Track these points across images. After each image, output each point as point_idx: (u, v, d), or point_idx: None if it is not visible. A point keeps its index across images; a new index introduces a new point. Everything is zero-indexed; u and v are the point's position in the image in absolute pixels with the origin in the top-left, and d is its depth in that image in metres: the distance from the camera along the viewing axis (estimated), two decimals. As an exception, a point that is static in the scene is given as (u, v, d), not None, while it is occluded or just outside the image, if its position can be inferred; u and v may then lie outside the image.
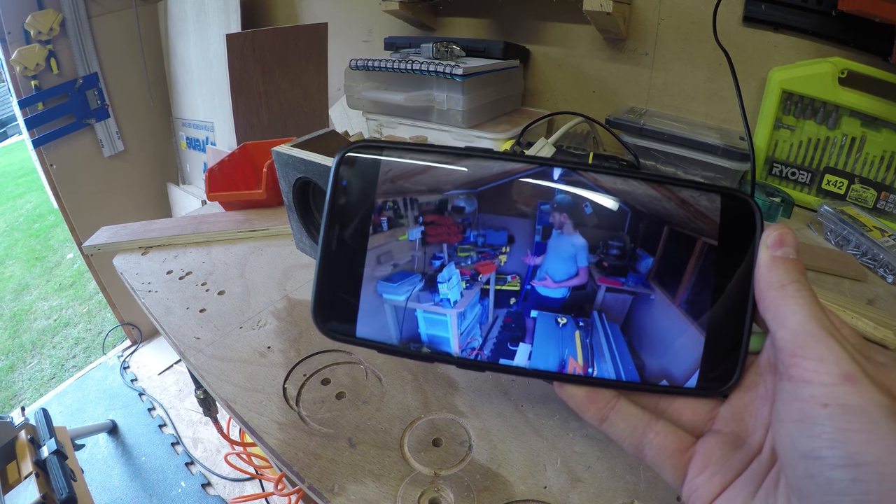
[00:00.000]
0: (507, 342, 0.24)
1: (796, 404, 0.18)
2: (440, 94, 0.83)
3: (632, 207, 0.23)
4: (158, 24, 1.56)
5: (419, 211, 0.24)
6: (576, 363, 0.24)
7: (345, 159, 0.24)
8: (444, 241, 0.24)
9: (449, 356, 0.24)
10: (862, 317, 0.43)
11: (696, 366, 0.23)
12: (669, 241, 0.23)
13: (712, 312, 0.23)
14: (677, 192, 0.23)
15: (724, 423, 0.23)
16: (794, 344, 0.19)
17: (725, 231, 0.23)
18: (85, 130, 1.49)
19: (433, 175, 0.24)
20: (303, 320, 0.45)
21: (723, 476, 0.21)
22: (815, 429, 0.17)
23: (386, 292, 0.24)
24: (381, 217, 0.24)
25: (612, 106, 0.88)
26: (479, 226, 0.24)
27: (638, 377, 0.23)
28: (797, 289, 0.20)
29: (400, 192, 0.24)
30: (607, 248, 0.24)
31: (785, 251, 0.21)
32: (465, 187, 0.24)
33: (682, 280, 0.23)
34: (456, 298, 0.24)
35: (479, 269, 0.24)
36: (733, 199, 0.23)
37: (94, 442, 1.48)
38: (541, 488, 0.29)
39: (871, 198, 0.64)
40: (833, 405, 0.17)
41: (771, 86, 0.67)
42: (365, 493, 0.29)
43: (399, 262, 0.24)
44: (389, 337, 0.24)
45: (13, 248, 2.95)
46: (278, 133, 1.11)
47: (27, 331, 2.17)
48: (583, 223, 0.24)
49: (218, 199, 0.66)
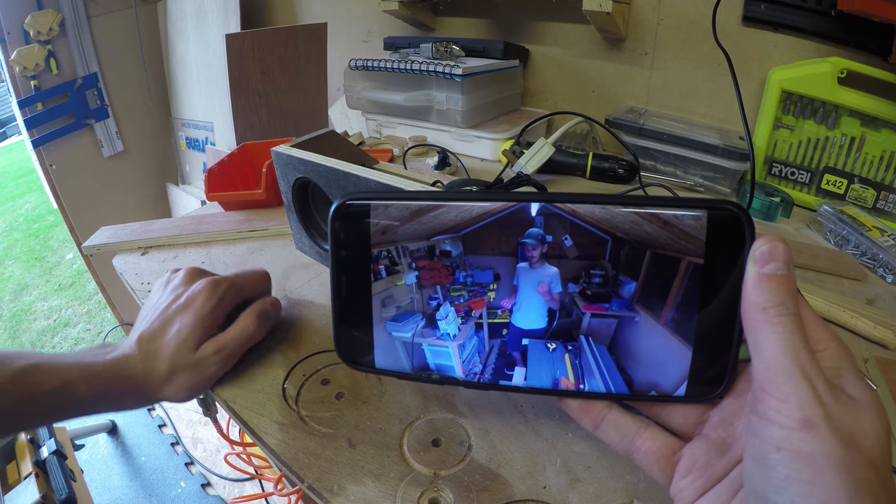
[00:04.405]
0: (504, 367, 0.27)
1: (756, 442, 0.18)
2: (440, 94, 0.83)
3: (612, 235, 0.24)
4: (158, 24, 1.56)
5: (411, 257, 0.26)
6: (568, 381, 0.25)
7: (338, 215, 0.26)
8: (437, 283, 0.27)
9: (456, 380, 0.27)
10: (862, 317, 0.43)
11: (685, 377, 0.23)
12: (652, 264, 0.23)
13: (700, 327, 0.23)
14: (660, 214, 0.23)
15: (712, 428, 0.23)
16: (764, 378, 0.19)
17: (712, 247, 0.22)
18: (84, 130, 1.48)
19: (419, 223, 0.26)
20: (302, 320, 0.45)
21: (704, 481, 0.22)
22: (767, 471, 0.18)
23: (394, 331, 0.27)
24: (378, 265, 0.27)
25: (612, 106, 0.88)
26: (467, 267, 0.26)
27: (626, 390, 0.25)
28: (778, 313, 0.19)
29: (392, 242, 0.26)
30: (589, 277, 0.24)
31: (774, 266, 0.20)
32: (449, 231, 0.26)
33: (667, 300, 0.23)
34: (454, 332, 0.27)
35: (472, 305, 0.27)
36: (720, 214, 0.22)
37: (93, 442, 1.48)
38: (540, 488, 0.29)
39: (870, 197, 0.64)
40: (786, 450, 0.17)
41: (770, 85, 0.67)
42: (364, 493, 0.29)
43: (401, 305, 0.27)
44: (403, 367, 0.28)
45: (13, 249, 2.95)
46: (278, 133, 1.11)
47: (27, 331, 2.17)
48: (563, 255, 0.25)
49: (217, 200, 0.66)
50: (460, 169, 0.79)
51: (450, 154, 0.78)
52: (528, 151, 0.68)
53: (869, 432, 0.18)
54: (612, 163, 0.70)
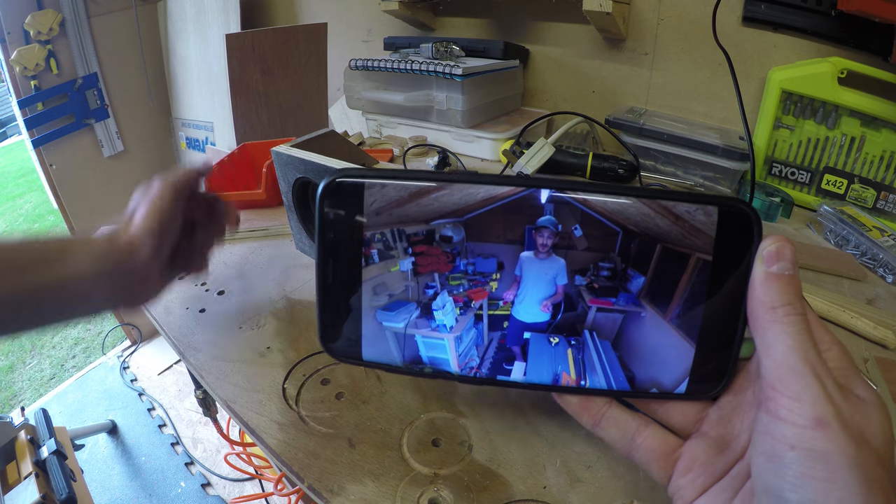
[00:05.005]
0: (503, 362, 0.25)
1: (768, 439, 0.19)
2: (440, 94, 0.83)
3: (623, 227, 0.23)
4: (158, 24, 1.55)
5: (408, 242, 0.24)
6: (569, 377, 0.25)
7: (327, 193, 0.24)
8: (435, 271, 0.25)
9: (450, 374, 0.26)
10: (862, 317, 0.43)
11: (686, 374, 0.23)
12: (662, 258, 0.23)
13: (704, 324, 0.23)
14: (672, 207, 0.22)
15: (711, 426, 0.23)
16: (774, 377, 0.19)
17: (721, 243, 0.22)
18: (84, 130, 1.48)
19: (419, 205, 0.24)
20: (302, 320, 0.45)
21: (705, 479, 0.22)
22: (781, 469, 0.18)
23: (385, 320, 0.25)
24: (371, 249, 0.24)
25: (612, 106, 0.88)
26: (468, 254, 0.24)
27: (628, 386, 0.24)
28: (787, 312, 0.20)
29: (387, 224, 0.24)
30: (598, 270, 0.24)
31: (781, 266, 0.20)
32: (451, 216, 0.24)
33: (674, 296, 0.23)
34: (451, 324, 0.25)
35: (472, 295, 0.25)
36: (731, 210, 0.22)
37: (93, 442, 1.48)
38: (540, 488, 0.29)
39: (870, 197, 0.64)
40: (800, 448, 0.17)
41: (770, 86, 0.67)
42: (364, 492, 0.29)
43: (394, 293, 0.25)
44: (393, 359, 0.26)
45: (13, 249, 2.95)
46: (278, 133, 1.10)
47: (27, 331, 2.17)
48: (572, 246, 0.24)
49: (217, 199, 0.66)
50: (460, 169, 0.79)
51: (450, 154, 0.78)
52: (528, 151, 0.68)
53: (877, 431, 0.18)
54: (612, 163, 0.70)
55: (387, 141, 0.92)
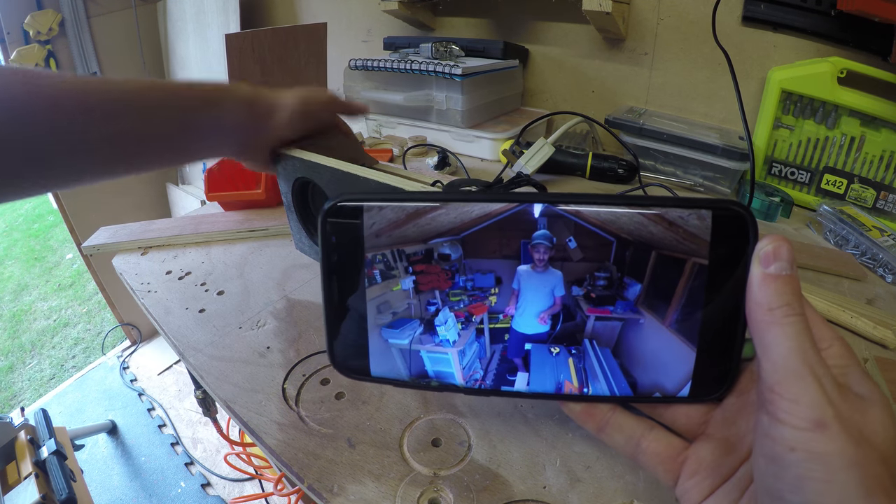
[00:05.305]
0: (506, 373, 0.26)
1: (768, 442, 0.19)
2: (439, 94, 0.83)
3: (616, 236, 0.23)
4: (158, 25, 1.56)
5: (408, 261, 0.25)
6: (571, 385, 0.25)
7: (328, 219, 0.25)
8: (435, 288, 0.26)
9: (456, 387, 0.27)
10: (861, 317, 0.43)
11: (688, 378, 0.23)
12: (658, 265, 0.23)
13: (703, 328, 0.23)
14: (664, 213, 0.22)
15: (716, 428, 0.23)
16: (774, 379, 0.19)
17: (717, 246, 0.22)
18: (84, 130, 1.48)
19: (416, 225, 0.25)
20: (302, 321, 0.45)
21: (712, 481, 0.22)
22: (781, 471, 0.18)
23: (390, 338, 0.26)
24: (373, 270, 0.25)
25: (612, 106, 0.88)
26: (467, 271, 0.25)
27: (631, 392, 0.24)
28: (785, 313, 0.19)
29: (387, 245, 0.25)
30: (594, 280, 0.24)
31: (779, 266, 0.20)
32: (448, 234, 0.25)
33: (672, 302, 0.23)
34: (454, 339, 0.26)
35: (472, 310, 0.26)
36: (725, 213, 0.22)
37: (93, 442, 1.48)
38: (540, 488, 0.29)
39: (870, 197, 0.64)
40: (800, 450, 0.17)
41: (770, 85, 0.67)
42: (364, 493, 0.29)
43: (397, 311, 0.26)
44: (400, 374, 0.27)
45: (12, 249, 2.95)
46: (278, 133, 1.10)
47: (27, 331, 2.17)
48: (567, 258, 0.24)
49: (217, 200, 0.66)
50: (460, 169, 0.79)
51: (450, 154, 0.78)
52: (527, 151, 0.68)
53: (877, 429, 0.18)
54: (612, 163, 0.70)
55: (386, 141, 0.92)
